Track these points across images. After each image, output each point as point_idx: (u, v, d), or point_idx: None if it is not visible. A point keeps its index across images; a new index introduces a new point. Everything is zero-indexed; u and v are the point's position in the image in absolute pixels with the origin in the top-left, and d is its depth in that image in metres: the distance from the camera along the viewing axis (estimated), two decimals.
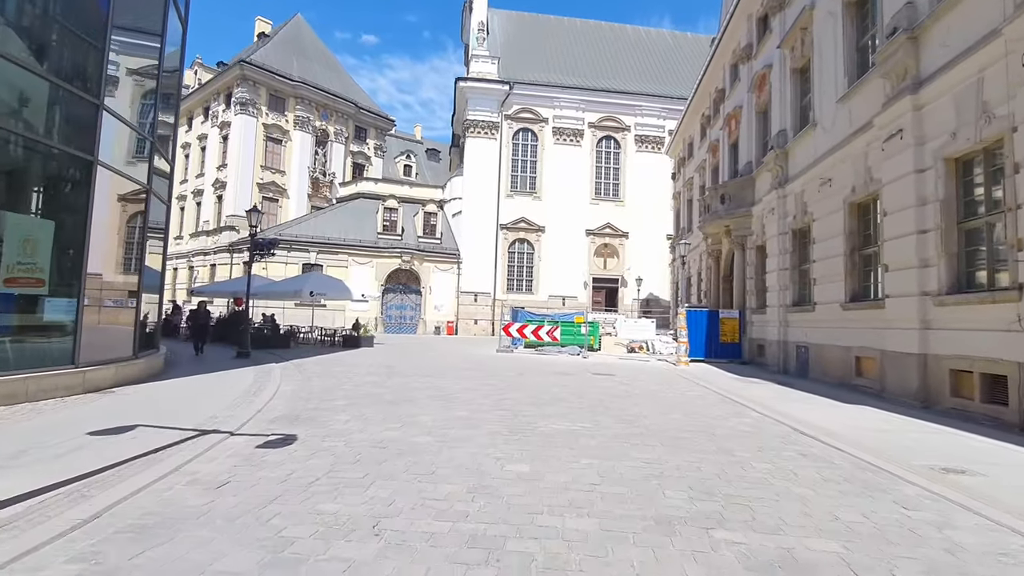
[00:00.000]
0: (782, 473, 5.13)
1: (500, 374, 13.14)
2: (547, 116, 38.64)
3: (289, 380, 10.62)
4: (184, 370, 11.85)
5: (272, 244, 15.42)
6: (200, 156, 41.49)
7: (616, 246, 38.73)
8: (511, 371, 13.88)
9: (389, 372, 12.42)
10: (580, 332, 22.38)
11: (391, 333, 35.24)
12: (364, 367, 13.27)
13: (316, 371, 12.28)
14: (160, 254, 12.68)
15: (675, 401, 9.55)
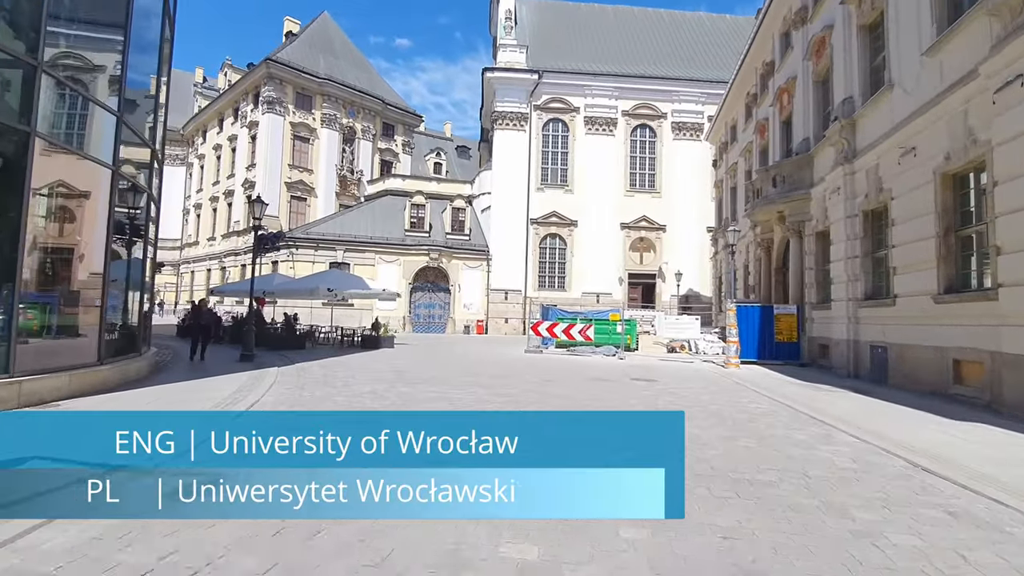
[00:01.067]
0: (942, 556, 3.20)
1: (525, 380, 11.36)
2: (578, 105, 36.59)
3: (277, 390, 9.07)
4: (169, 376, 10.47)
5: (277, 238, 14.07)
6: (231, 157, 41.04)
7: (652, 240, 36.42)
8: (538, 376, 12.08)
9: (398, 377, 10.80)
10: (615, 331, 20.39)
11: (419, 333, 33.86)
12: (372, 371, 11.70)
13: (316, 376, 10.76)
14: (142, 245, 11.35)
15: (738, 419, 7.57)
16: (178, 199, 49.03)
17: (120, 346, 10.63)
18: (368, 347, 18.69)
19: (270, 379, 10.13)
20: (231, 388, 8.97)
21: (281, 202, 37.26)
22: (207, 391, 8.69)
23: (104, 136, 8.99)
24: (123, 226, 11.01)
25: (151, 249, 12.39)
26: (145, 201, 11.68)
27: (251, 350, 13.18)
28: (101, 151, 8.79)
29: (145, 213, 11.66)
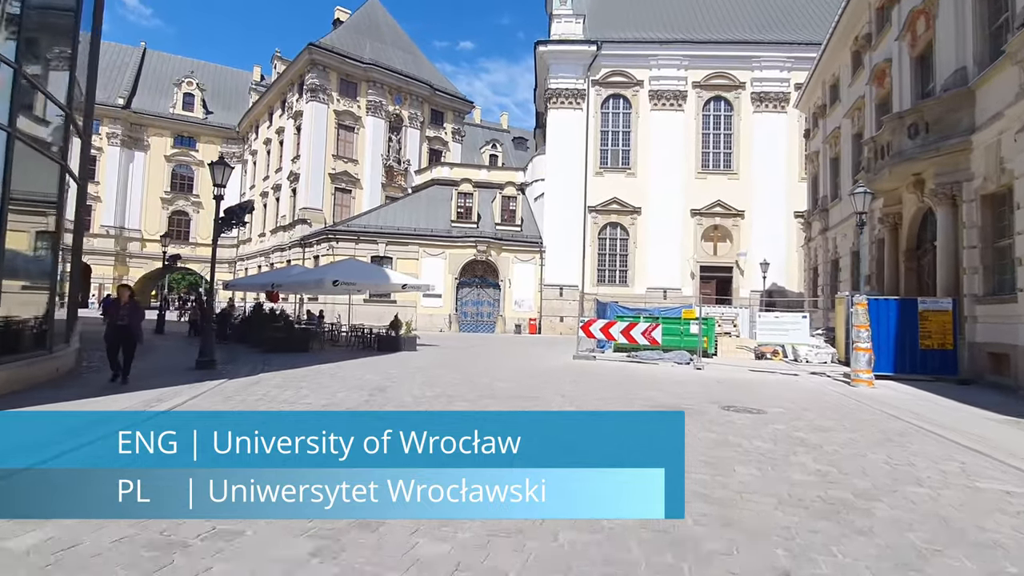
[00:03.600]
0: None
1: (556, 404, 7.52)
2: (642, 78, 32.07)
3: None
4: (78, 385, 7.42)
5: (244, 209, 10.91)
6: (279, 151, 39.42)
7: (728, 227, 31.33)
8: (578, 396, 8.19)
9: (366, 400, 7.25)
10: (689, 331, 16.11)
11: (467, 332, 30.55)
12: (341, 392, 8.18)
13: (250, 399, 7.38)
14: (54, 226, 8.41)
15: (961, 522, 3.42)
16: (234, 196, 48.38)
17: (22, 344, 7.84)
18: (385, 350, 15.37)
19: (172, 402, 6.83)
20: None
21: (325, 194, 35.06)
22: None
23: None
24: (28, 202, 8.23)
25: (74, 233, 9.50)
26: (59, 176, 8.77)
27: (209, 355, 10.06)
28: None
29: (59, 189, 8.74)
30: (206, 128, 48.31)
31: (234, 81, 52.39)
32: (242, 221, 11.07)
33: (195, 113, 48.22)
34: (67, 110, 8.84)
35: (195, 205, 48.11)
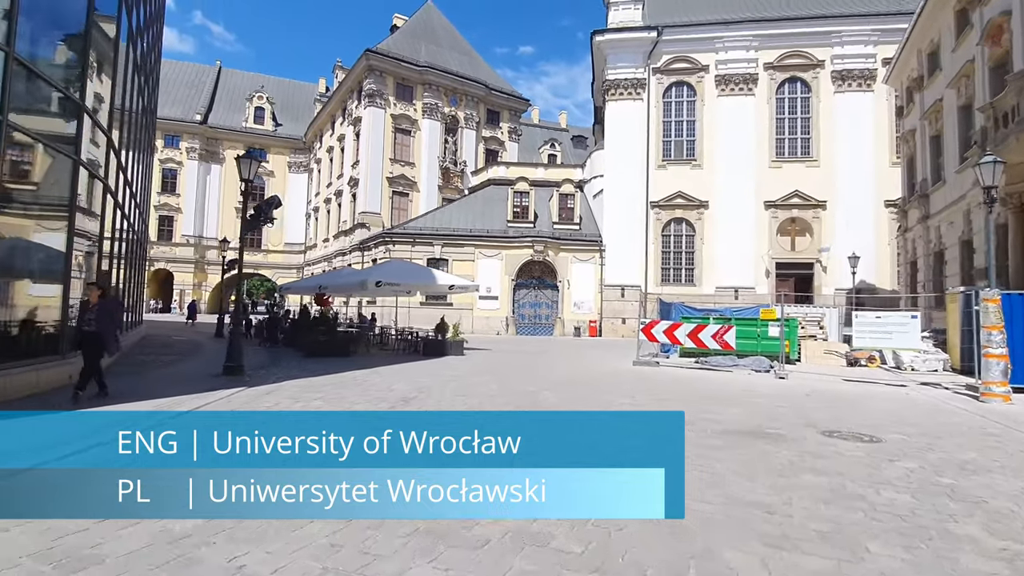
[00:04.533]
0: None
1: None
2: (707, 63, 29.77)
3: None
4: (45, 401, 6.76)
5: (271, 205, 10.14)
6: (340, 158, 39.87)
7: (808, 220, 28.43)
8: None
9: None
10: (767, 334, 14.15)
11: (524, 335, 29.37)
12: (359, 404, 7.12)
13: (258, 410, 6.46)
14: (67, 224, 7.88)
15: None
16: (301, 204, 49.66)
17: (32, 348, 7.33)
18: (430, 354, 14.36)
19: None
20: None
21: (383, 198, 34.95)
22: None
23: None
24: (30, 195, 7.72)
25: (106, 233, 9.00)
26: (72, 170, 8.25)
27: (236, 361, 9.35)
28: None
29: (71, 183, 8.20)
30: (275, 139, 49.88)
31: (301, 94, 53.90)
32: (270, 218, 10.34)
33: (265, 126, 49.91)
34: (83, 106, 8.29)
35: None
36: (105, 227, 10.81)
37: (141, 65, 14.69)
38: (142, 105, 16.75)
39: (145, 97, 17.47)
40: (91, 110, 9.10)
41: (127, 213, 14.15)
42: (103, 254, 10.70)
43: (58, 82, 7.95)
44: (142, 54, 15.00)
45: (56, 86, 7.85)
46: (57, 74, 8.15)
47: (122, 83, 11.99)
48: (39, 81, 7.62)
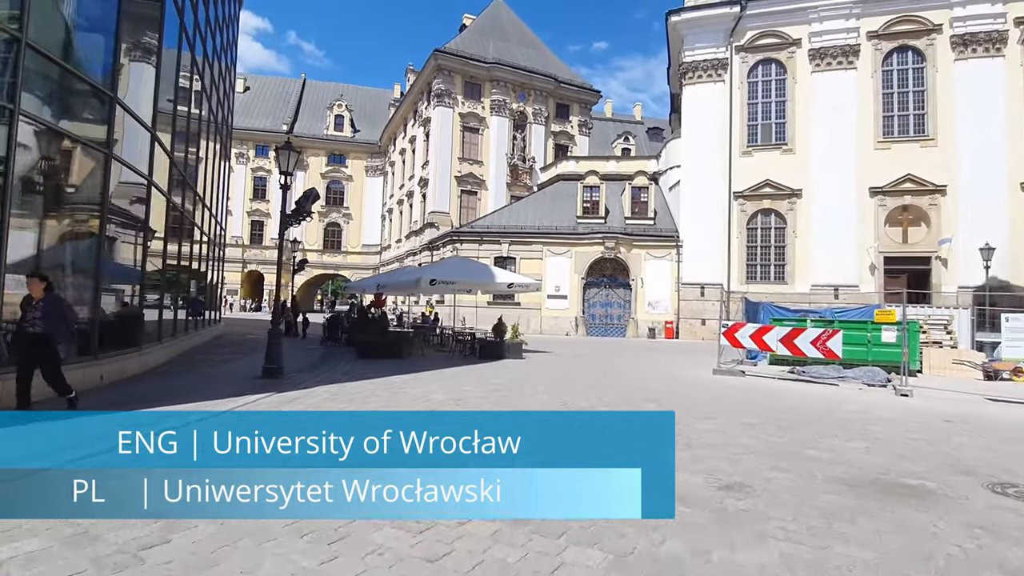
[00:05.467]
0: None
1: (684, 468, 4.57)
2: (799, 36, 26.68)
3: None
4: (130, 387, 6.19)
5: (308, 199, 9.34)
6: (412, 159, 39.96)
7: (923, 208, 24.67)
8: (710, 457, 5.09)
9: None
10: (880, 340, 11.78)
11: (595, 336, 27.75)
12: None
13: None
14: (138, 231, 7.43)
15: None
16: (377, 207, 50.60)
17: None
18: (487, 357, 13.19)
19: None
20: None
21: (451, 197, 34.46)
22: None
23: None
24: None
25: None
26: (103, 168, 7.79)
27: (276, 362, 8.63)
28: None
29: (102, 184, 7.75)
30: (354, 145, 51.18)
31: (377, 100, 55.06)
32: (308, 211, 9.57)
33: (344, 132, 51.32)
34: (117, 99, 7.80)
35: (345, 217, 51.14)
36: (150, 225, 10.59)
37: (205, 71, 14.66)
38: (210, 109, 16.91)
39: (213, 102, 17.68)
40: (128, 105, 8.77)
41: (196, 217, 14.13)
42: (147, 251, 10.47)
43: (87, 74, 7.57)
44: (207, 58, 15.05)
45: (85, 78, 7.45)
46: (87, 65, 7.77)
47: (173, 82, 11.82)
48: (71, 76, 7.21)
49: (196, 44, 12.19)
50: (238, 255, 47.51)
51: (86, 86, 7.10)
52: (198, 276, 15.54)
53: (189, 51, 11.30)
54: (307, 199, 9.26)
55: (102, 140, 7.59)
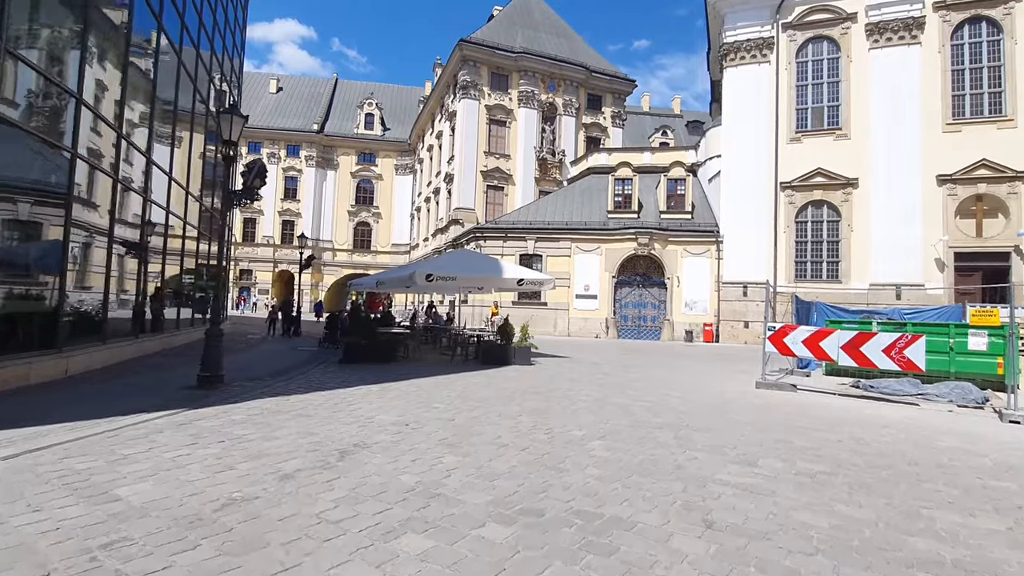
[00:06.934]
0: None
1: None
2: (854, 10, 23.90)
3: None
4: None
5: (253, 172, 7.72)
6: (438, 155, 38.65)
7: (1001, 197, 21.54)
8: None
9: (224, 507, 3.34)
10: (967, 347, 9.46)
11: (628, 339, 25.66)
12: (251, 462, 4.34)
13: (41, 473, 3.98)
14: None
15: None
16: (406, 205, 49.62)
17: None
18: (490, 362, 11.44)
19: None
20: None
21: (477, 193, 32.91)
22: None
23: None
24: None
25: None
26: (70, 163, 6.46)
27: (212, 370, 7.16)
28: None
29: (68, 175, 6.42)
30: (384, 144, 50.40)
31: (407, 98, 54.24)
32: (254, 188, 7.94)
33: (375, 131, 50.60)
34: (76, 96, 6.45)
35: (375, 216, 50.40)
36: (114, 221, 9.36)
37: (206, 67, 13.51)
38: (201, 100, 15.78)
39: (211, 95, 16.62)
40: (90, 103, 7.55)
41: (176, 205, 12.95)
42: (111, 249, 9.22)
43: (47, 71, 6.35)
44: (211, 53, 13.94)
45: (45, 74, 6.23)
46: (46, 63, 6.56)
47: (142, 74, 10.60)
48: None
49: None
50: (269, 255, 47.38)
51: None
52: (178, 272, 14.33)
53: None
54: (252, 172, 7.71)
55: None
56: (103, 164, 8.88)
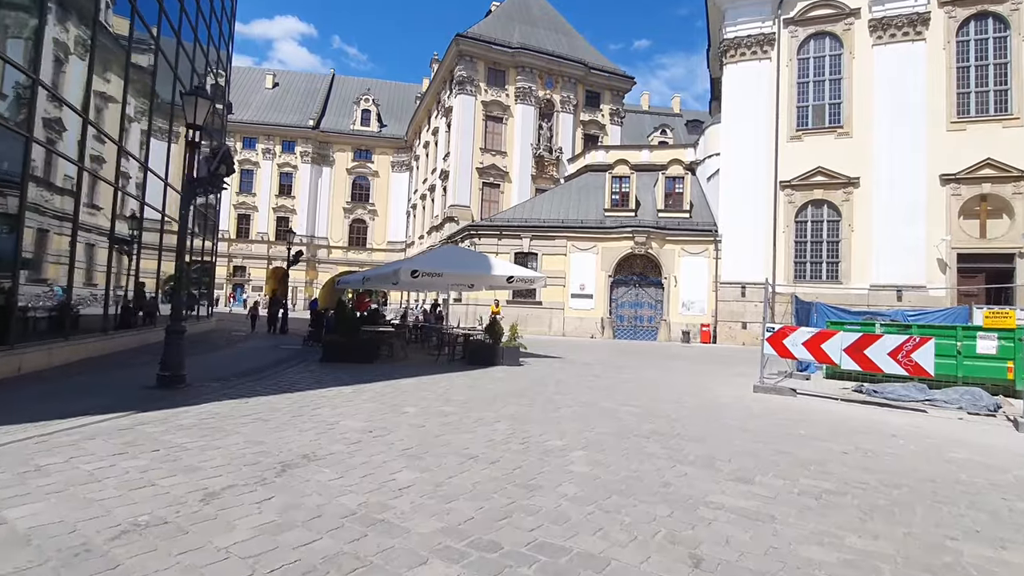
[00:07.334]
0: None
1: None
2: (857, 6, 23.43)
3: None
4: None
5: (218, 157, 7.17)
6: (435, 152, 38.12)
7: (1006, 197, 21.09)
8: None
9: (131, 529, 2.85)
10: (975, 351, 9.01)
11: (624, 339, 25.17)
12: (170, 478, 3.88)
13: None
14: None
15: None
16: (402, 203, 49.07)
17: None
18: (477, 363, 10.94)
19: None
20: None
21: (472, 190, 32.40)
22: None
23: None
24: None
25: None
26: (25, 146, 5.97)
27: (174, 369, 6.67)
28: None
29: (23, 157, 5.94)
30: (380, 140, 49.84)
31: (404, 94, 53.69)
32: (219, 175, 7.34)
33: (371, 127, 50.03)
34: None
35: (371, 213, 49.84)
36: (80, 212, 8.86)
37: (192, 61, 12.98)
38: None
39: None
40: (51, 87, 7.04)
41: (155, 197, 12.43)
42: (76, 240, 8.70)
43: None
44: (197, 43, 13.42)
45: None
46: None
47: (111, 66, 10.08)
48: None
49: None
50: (264, 251, 46.83)
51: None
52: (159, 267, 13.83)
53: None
54: (216, 158, 7.16)
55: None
56: (65, 149, 8.38)
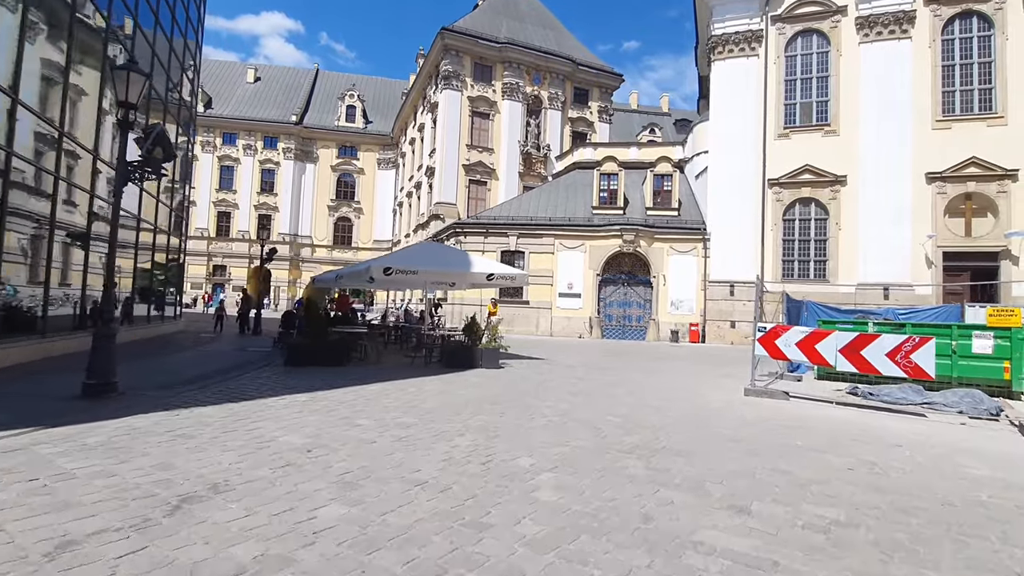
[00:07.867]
0: None
1: None
2: (844, 3, 23.18)
3: None
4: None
5: (151, 137, 6.37)
6: (420, 148, 37.37)
7: (990, 195, 20.90)
8: None
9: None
10: (971, 350, 8.60)
11: (612, 339, 24.67)
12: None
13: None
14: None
15: None
16: (389, 201, 48.20)
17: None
18: (454, 366, 10.31)
19: None
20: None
21: (459, 187, 31.72)
22: None
23: None
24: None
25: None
26: None
27: (102, 377, 5.97)
28: None
29: None
30: (365, 137, 48.94)
31: (390, 90, 52.79)
32: (159, 162, 6.56)
33: (356, 124, 49.11)
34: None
35: (356, 211, 48.93)
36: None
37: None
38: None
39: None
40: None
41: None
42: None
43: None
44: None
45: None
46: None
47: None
48: None
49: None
50: (244, 250, 45.70)
51: None
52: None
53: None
54: (149, 139, 6.38)
55: None
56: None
